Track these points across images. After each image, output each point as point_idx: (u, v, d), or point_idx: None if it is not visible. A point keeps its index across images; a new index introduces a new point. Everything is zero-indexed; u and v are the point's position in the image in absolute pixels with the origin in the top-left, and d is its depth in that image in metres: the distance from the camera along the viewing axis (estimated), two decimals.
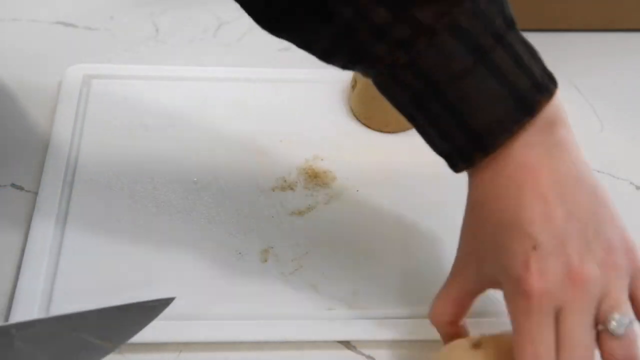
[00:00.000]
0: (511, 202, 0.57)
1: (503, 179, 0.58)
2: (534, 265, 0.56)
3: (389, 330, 0.68)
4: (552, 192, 0.57)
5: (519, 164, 0.58)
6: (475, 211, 0.60)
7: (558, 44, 1.02)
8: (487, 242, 0.59)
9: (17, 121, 0.86)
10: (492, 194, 0.58)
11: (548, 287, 0.55)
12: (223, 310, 0.69)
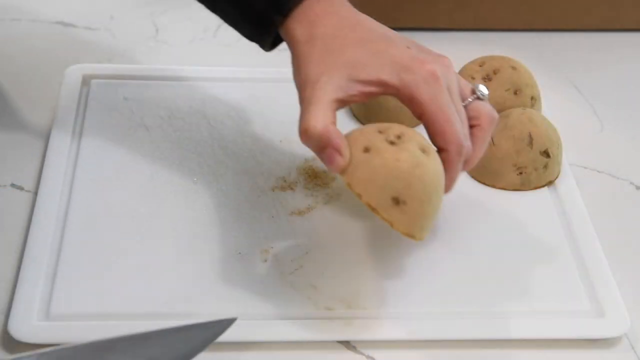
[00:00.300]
0: (368, 23, 0.70)
1: (341, 12, 0.69)
2: (420, 56, 0.67)
3: (388, 330, 0.68)
4: (372, 21, 0.71)
5: (334, 9, 0.70)
6: (324, 44, 0.68)
7: (558, 44, 1.02)
8: (357, 54, 0.67)
9: (17, 121, 0.86)
10: (344, 22, 0.69)
11: (441, 70, 0.66)
12: (223, 311, 0.69)
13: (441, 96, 0.66)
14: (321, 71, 0.67)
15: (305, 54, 0.68)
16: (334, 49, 0.67)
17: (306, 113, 0.66)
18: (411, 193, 0.64)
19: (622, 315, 0.70)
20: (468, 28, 1.02)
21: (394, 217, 0.65)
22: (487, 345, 0.69)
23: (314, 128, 0.65)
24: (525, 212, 0.79)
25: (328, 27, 0.68)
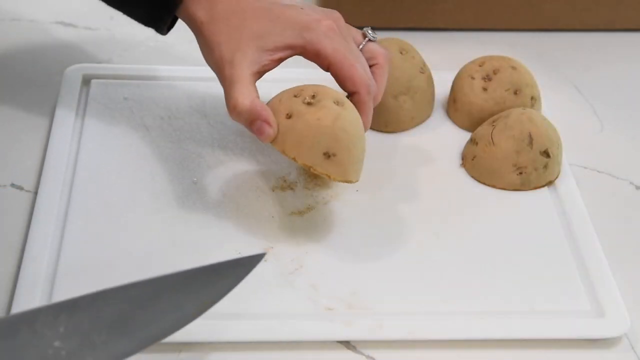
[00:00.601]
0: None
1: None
2: (315, 14, 0.73)
3: (388, 330, 0.68)
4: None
5: None
6: (226, 20, 0.73)
7: (558, 44, 1.02)
8: (259, 24, 0.72)
9: (16, 121, 0.86)
10: (239, 7, 0.73)
11: (336, 23, 0.74)
12: (222, 310, 0.69)
13: (342, 46, 0.73)
14: (232, 49, 0.72)
15: (212, 34, 0.73)
16: (237, 24, 0.72)
17: (232, 91, 0.71)
18: (338, 145, 0.71)
19: (622, 315, 0.70)
20: (468, 28, 1.02)
21: (329, 170, 0.71)
22: (487, 345, 0.69)
23: (242, 104, 0.71)
24: (525, 212, 0.79)
25: (225, 3, 0.73)
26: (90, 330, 0.59)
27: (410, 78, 0.85)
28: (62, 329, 0.58)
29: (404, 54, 0.85)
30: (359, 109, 0.74)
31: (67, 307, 0.59)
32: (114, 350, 0.59)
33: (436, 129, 0.88)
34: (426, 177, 0.82)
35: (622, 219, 0.81)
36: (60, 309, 0.59)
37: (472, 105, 0.86)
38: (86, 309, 0.59)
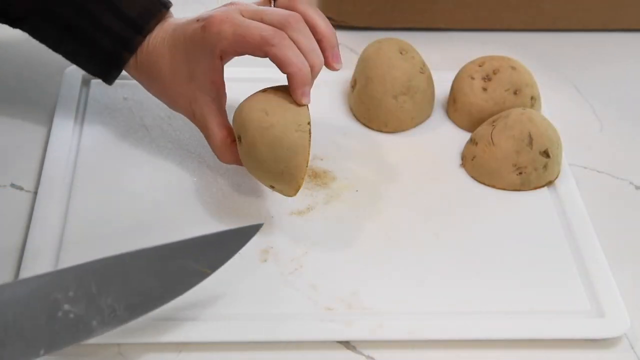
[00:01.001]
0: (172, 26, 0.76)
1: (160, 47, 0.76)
2: (205, 16, 0.74)
3: (388, 330, 0.68)
4: None
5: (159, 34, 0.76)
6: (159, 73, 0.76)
7: (558, 44, 1.02)
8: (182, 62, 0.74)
9: (16, 121, 0.86)
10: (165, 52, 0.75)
11: (223, 12, 0.73)
12: (223, 310, 0.69)
13: (233, 26, 0.71)
14: (185, 102, 0.75)
15: (161, 90, 0.77)
16: (168, 74, 0.75)
17: (210, 144, 0.75)
18: (269, 182, 0.72)
19: (622, 315, 0.70)
20: (468, 28, 1.02)
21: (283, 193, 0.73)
22: (487, 345, 0.69)
23: (223, 161, 0.76)
24: (525, 212, 0.79)
25: (149, 59, 0.76)
26: (98, 295, 0.61)
27: (410, 78, 0.85)
28: (72, 293, 0.60)
29: (403, 54, 0.86)
30: (278, 64, 0.71)
31: (76, 271, 0.61)
32: (119, 314, 0.61)
33: (436, 129, 0.88)
34: (426, 177, 0.82)
35: (622, 219, 0.81)
36: (70, 274, 0.60)
37: (472, 106, 0.86)
38: (94, 274, 0.61)
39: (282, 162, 0.71)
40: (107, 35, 0.76)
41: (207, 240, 0.65)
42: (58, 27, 0.76)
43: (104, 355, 0.66)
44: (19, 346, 0.59)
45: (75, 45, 0.77)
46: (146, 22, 0.76)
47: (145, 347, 0.67)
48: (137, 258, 0.63)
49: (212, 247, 0.65)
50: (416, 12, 1.00)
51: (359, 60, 0.88)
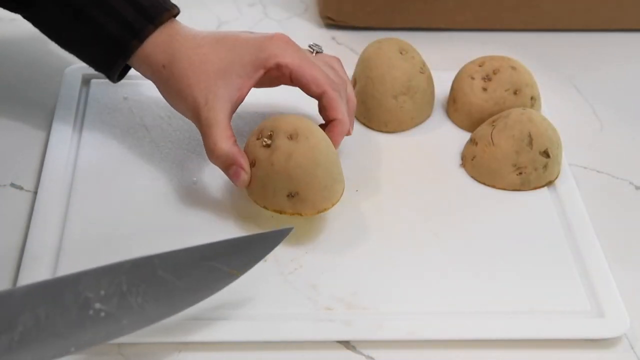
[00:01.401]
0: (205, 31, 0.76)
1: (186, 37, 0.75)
2: (264, 34, 0.76)
3: (388, 330, 0.68)
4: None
5: (184, 27, 0.76)
6: (188, 59, 0.74)
7: (558, 44, 1.02)
8: (219, 58, 0.74)
9: (16, 120, 0.86)
10: (188, 34, 0.76)
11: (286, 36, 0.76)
12: (222, 310, 0.69)
13: (299, 53, 0.75)
14: (204, 91, 0.73)
15: (177, 77, 0.74)
16: (199, 62, 0.74)
17: (210, 136, 0.73)
18: (296, 183, 0.71)
19: (622, 316, 0.70)
20: (468, 28, 1.02)
21: (298, 209, 0.72)
22: (487, 345, 0.69)
23: (220, 149, 0.72)
24: (525, 212, 0.79)
25: (182, 41, 0.75)
26: (128, 294, 0.61)
27: (410, 78, 0.85)
28: (103, 291, 0.61)
29: (403, 54, 0.86)
30: (330, 107, 0.75)
31: (107, 271, 0.62)
32: (149, 313, 0.62)
33: (436, 129, 0.88)
34: (426, 177, 0.82)
35: (621, 219, 0.81)
36: (102, 273, 0.61)
37: (472, 106, 0.86)
38: (126, 274, 0.62)
39: (332, 177, 0.73)
40: (117, 22, 0.74)
41: (237, 244, 0.66)
42: (68, 12, 0.75)
43: (104, 355, 0.66)
44: (50, 343, 0.60)
45: (82, 32, 0.76)
46: (158, 12, 0.75)
47: (145, 347, 0.67)
48: (167, 259, 0.63)
49: (241, 250, 0.66)
50: (416, 12, 1.00)
51: (359, 60, 0.88)
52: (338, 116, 0.75)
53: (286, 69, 0.74)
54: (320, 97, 0.75)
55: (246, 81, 0.74)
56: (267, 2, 1.05)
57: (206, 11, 1.03)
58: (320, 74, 0.75)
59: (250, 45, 0.74)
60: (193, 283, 0.64)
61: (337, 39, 1.00)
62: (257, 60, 0.74)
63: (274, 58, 0.74)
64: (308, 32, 1.01)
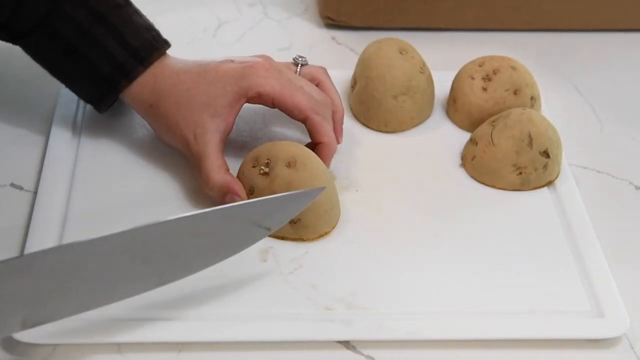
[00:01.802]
0: (189, 63, 0.79)
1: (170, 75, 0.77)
2: (245, 62, 0.77)
3: (388, 330, 0.68)
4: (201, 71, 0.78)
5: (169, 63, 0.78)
6: (173, 97, 0.77)
7: (558, 44, 1.02)
8: (201, 91, 0.76)
9: (16, 120, 0.86)
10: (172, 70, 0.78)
11: (266, 61, 0.78)
12: (222, 310, 0.69)
13: (279, 80, 0.76)
14: (191, 126, 0.76)
15: (164, 115, 0.77)
16: (183, 98, 0.76)
17: (203, 168, 0.75)
18: None
19: (622, 316, 0.70)
20: (468, 28, 1.02)
21: (300, 234, 0.74)
22: (487, 345, 0.69)
23: (214, 179, 0.75)
24: (525, 213, 0.79)
25: (166, 79, 0.77)
26: (168, 249, 0.65)
27: (410, 78, 0.85)
28: (145, 247, 0.64)
29: (403, 54, 0.86)
30: (315, 131, 0.77)
31: (148, 229, 0.65)
32: (189, 265, 0.67)
33: (436, 129, 0.88)
34: (426, 177, 0.82)
35: (621, 219, 0.81)
36: (142, 231, 0.64)
37: (471, 105, 0.86)
38: (166, 231, 0.65)
39: (331, 201, 0.75)
40: (108, 61, 0.77)
41: (272, 202, 0.69)
42: (61, 47, 0.77)
43: (104, 354, 0.66)
44: (100, 291, 0.64)
45: (74, 67, 0.78)
46: (148, 53, 0.77)
47: (145, 347, 0.67)
48: (205, 218, 0.66)
49: (276, 209, 0.69)
50: (416, 12, 1.00)
51: (359, 60, 0.88)
52: (324, 140, 0.77)
53: (267, 98, 0.76)
54: (304, 122, 0.77)
55: (229, 111, 0.76)
56: (267, 2, 1.05)
57: (206, 11, 1.03)
58: (301, 99, 0.76)
59: (231, 76, 0.76)
60: (227, 238, 0.68)
61: (337, 39, 1.00)
62: (239, 90, 0.76)
63: (255, 87, 0.76)
64: (308, 32, 1.01)
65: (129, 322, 0.67)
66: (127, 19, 0.78)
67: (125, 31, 0.77)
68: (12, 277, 0.59)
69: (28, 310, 0.61)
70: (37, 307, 0.62)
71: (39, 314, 0.62)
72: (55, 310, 0.63)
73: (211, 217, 0.66)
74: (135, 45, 0.77)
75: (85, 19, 0.76)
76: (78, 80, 0.79)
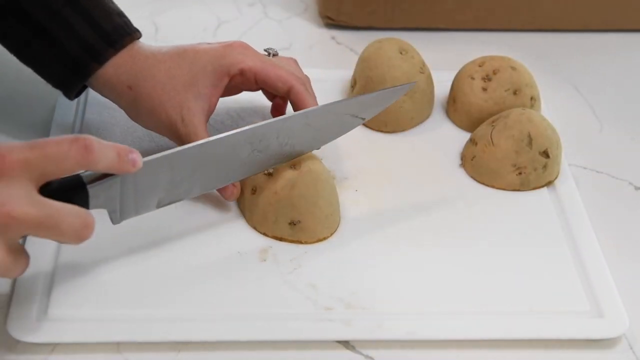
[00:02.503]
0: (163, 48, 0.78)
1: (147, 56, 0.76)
2: (222, 43, 0.77)
3: (388, 330, 0.68)
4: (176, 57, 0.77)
5: (143, 47, 0.77)
6: (153, 78, 0.75)
7: (558, 44, 1.02)
8: (184, 71, 0.75)
9: (16, 119, 0.86)
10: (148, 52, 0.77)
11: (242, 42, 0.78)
12: (222, 310, 0.69)
13: (259, 56, 0.77)
14: (176, 107, 0.75)
15: (146, 96, 0.75)
16: (165, 78, 0.75)
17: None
18: (298, 212, 0.73)
19: (621, 316, 0.70)
20: (468, 28, 1.02)
21: (299, 237, 0.74)
22: (486, 345, 0.69)
23: None
24: (525, 213, 0.79)
25: (143, 59, 0.76)
26: (281, 139, 0.73)
27: (410, 78, 0.85)
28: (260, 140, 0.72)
29: (403, 54, 0.86)
30: (300, 101, 0.76)
31: (264, 127, 0.72)
32: (297, 149, 0.74)
33: (436, 129, 0.88)
34: (426, 177, 0.82)
35: (621, 219, 0.81)
36: (260, 129, 0.72)
37: (471, 106, 0.86)
38: (280, 126, 0.73)
39: (332, 206, 0.75)
40: (78, 43, 0.75)
41: (367, 98, 0.76)
42: (29, 29, 0.75)
43: (104, 354, 0.66)
44: (222, 174, 0.72)
45: (42, 50, 0.76)
46: (120, 37, 0.76)
47: (144, 346, 0.67)
48: (314, 113, 0.74)
49: (370, 104, 0.76)
50: (416, 12, 1.00)
51: (359, 60, 0.88)
52: (309, 107, 0.76)
53: (250, 73, 0.76)
54: (289, 93, 0.76)
55: (213, 90, 0.76)
56: (267, 1, 1.05)
57: (206, 11, 1.03)
58: (284, 72, 0.76)
59: (211, 56, 0.76)
60: (333, 126, 0.75)
61: (337, 39, 1.00)
62: (220, 69, 0.75)
63: (237, 64, 0.75)
64: (308, 32, 1.01)
65: (128, 321, 0.67)
66: (98, 3, 0.76)
67: (96, 14, 0.75)
68: (157, 169, 0.67)
69: (164, 193, 0.69)
70: (172, 190, 0.69)
71: (172, 195, 0.70)
72: (185, 192, 0.70)
73: (320, 111, 0.73)
74: (106, 28, 0.75)
75: (56, 0, 0.75)
76: (47, 63, 0.77)
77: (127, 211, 0.69)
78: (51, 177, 0.61)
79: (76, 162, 0.61)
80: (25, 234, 0.61)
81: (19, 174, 0.59)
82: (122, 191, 0.67)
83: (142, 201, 0.69)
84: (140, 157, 0.65)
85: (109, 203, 0.67)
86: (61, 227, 0.61)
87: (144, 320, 0.67)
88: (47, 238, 0.61)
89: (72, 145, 0.61)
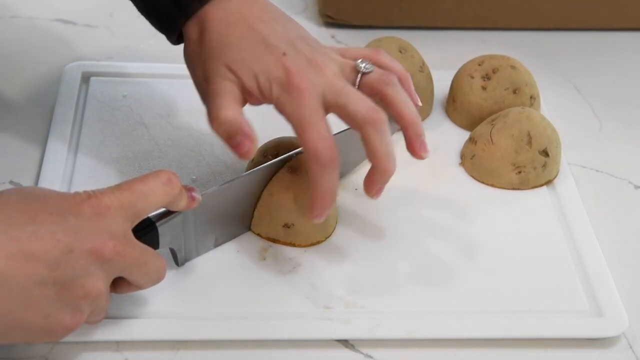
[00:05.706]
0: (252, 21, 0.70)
1: (233, 15, 0.69)
2: (293, 65, 0.67)
3: (387, 329, 0.68)
4: (268, 18, 0.71)
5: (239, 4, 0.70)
6: (220, 38, 0.69)
7: (558, 44, 1.02)
8: (234, 55, 0.68)
9: (16, 118, 0.86)
10: (231, 24, 0.69)
11: (309, 79, 0.67)
12: (221, 309, 0.69)
13: (301, 110, 0.66)
14: (213, 70, 0.69)
15: (196, 53, 0.70)
16: (218, 47, 0.69)
17: (216, 102, 0.67)
18: (294, 215, 0.72)
19: (621, 315, 0.70)
20: (468, 27, 1.02)
21: (293, 240, 0.74)
22: (486, 344, 0.69)
23: (225, 115, 0.66)
24: (524, 212, 0.79)
25: (215, 25, 0.69)
26: None
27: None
28: None
29: (403, 53, 0.85)
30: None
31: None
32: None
33: (435, 128, 0.88)
34: (425, 176, 0.82)
35: (621, 218, 0.81)
36: None
37: (471, 104, 0.86)
38: None
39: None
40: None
41: None
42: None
43: (103, 352, 0.66)
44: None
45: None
46: None
47: (143, 345, 0.67)
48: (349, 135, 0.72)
49: None
50: (416, 10, 1.00)
51: None
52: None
53: (283, 115, 0.68)
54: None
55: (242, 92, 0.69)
56: None
57: None
58: (308, 140, 0.66)
59: (266, 71, 0.68)
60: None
61: (337, 38, 1.00)
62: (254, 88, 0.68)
63: (275, 102, 0.68)
64: (307, 31, 1.01)
65: (128, 320, 0.67)
66: None
67: None
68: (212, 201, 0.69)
69: (218, 231, 0.71)
70: (226, 227, 0.71)
71: (227, 234, 0.72)
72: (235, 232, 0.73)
73: (349, 134, 0.71)
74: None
75: None
76: (144, 12, 0.74)
77: (189, 250, 0.71)
78: (142, 215, 0.63)
79: (163, 194, 0.63)
80: (117, 274, 0.62)
81: (114, 214, 0.60)
82: (183, 229, 0.69)
83: (201, 239, 0.71)
84: (199, 192, 0.67)
85: (175, 241, 0.69)
86: (148, 267, 0.62)
87: (142, 318, 0.67)
88: (131, 279, 0.63)
89: (157, 180, 0.63)
